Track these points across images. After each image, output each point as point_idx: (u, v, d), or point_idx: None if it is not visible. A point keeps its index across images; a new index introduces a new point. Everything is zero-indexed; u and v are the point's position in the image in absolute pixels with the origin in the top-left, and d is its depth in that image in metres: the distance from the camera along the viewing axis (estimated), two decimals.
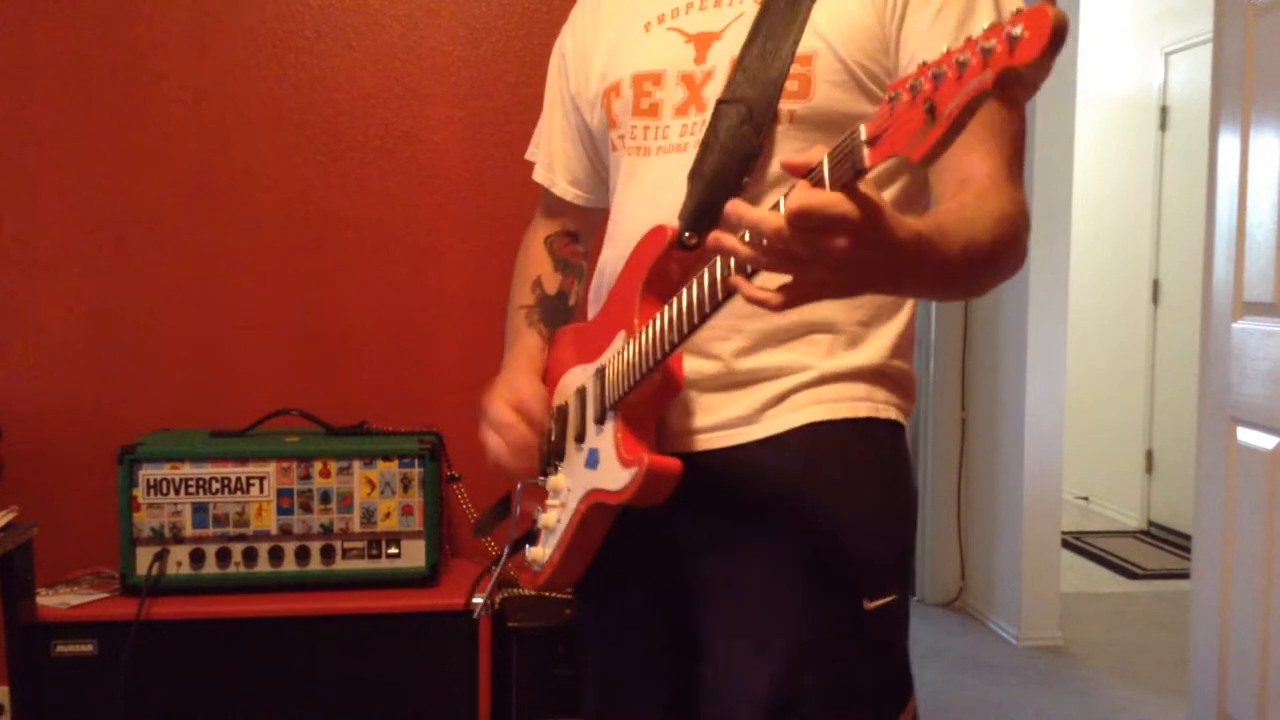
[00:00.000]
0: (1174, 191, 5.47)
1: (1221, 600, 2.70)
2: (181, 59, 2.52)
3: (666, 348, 1.14)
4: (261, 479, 2.20)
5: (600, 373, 1.27)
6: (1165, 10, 5.43)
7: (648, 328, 1.18)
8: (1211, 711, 2.74)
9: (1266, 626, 2.51)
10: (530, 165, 1.57)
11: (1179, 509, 5.32)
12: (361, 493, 2.22)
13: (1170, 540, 5.39)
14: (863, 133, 0.87)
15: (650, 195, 1.29)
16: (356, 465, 2.22)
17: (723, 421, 1.26)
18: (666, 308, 1.14)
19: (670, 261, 1.23)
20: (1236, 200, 2.69)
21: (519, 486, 1.42)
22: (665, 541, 1.30)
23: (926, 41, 1.18)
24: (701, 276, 1.07)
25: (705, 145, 1.23)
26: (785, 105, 1.21)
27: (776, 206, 0.92)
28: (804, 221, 0.88)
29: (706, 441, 1.26)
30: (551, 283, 1.52)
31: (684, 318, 1.10)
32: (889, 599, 1.23)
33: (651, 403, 1.24)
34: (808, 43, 1.21)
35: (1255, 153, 2.61)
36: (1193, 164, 4.67)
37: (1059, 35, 0.73)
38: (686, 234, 1.21)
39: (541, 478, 1.37)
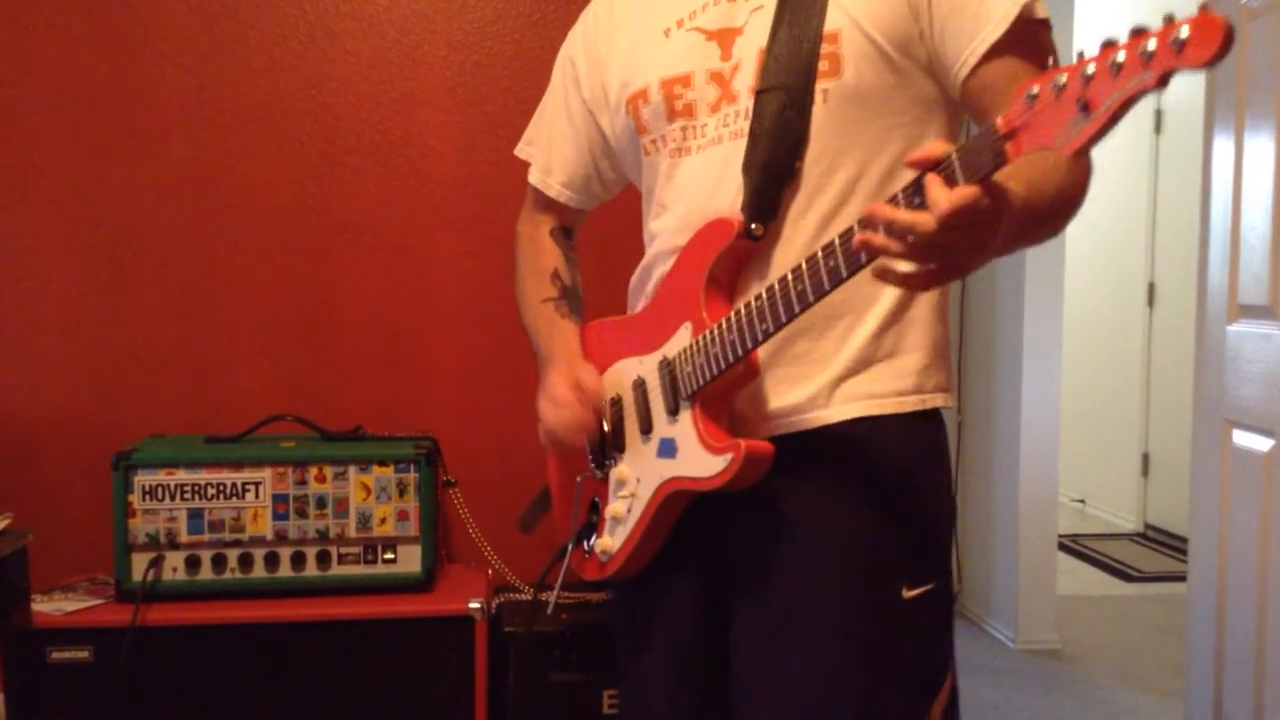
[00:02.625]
0: (1169, 195, 5.48)
1: (1218, 603, 2.70)
2: (176, 64, 2.52)
3: (759, 336, 1.18)
4: (257, 484, 2.20)
5: (666, 364, 1.30)
6: (1159, 13, 5.43)
7: (731, 317, 1.21)
8: (1208, 714, 2.74)
9: (1262, 629, 2.51)
10: (521, 163, 1.59)
11: (1175, 512, 5.33)
12: (357, 498, 2.22)
13: (1166, 543, 5.40)
14: (999, 127, 0.92)
15: (697, 190, 1.32)
16: (352, 470, 2.22)
17: (773, 411, 1.29)
18: (754, 298, 1.18)
19: (733, 252, 1.26)
20: (1231, 203, 2.69)
21: (578, 481, 1.44)
22: (709, 525, 1.33)
23: (958, 2, 1.21)
24: (800, 268, 1.12)
25: (752, 136, 1.26)
26: (820, 85, 1.24)
27: (895, 200, 0.99)
28: (958, 220, 0.94)
29: (756, 430, 1.28)
30: (568, 275, 1.55)
31: (780, 306, 1.15)
32: (928, 587, 1.28)
33: (729, 391, 1.27)
34: (833, 20, 1.24)
35: (1249, 156, 2.62)
36: (1187, 167, 4.68)
37: (1229, 41, 0.79)
38: (753, 225, 1.25)
39: (599, 470, 1.41)
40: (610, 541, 1.39)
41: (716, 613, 1.35)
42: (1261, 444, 2.54)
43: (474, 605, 2.17)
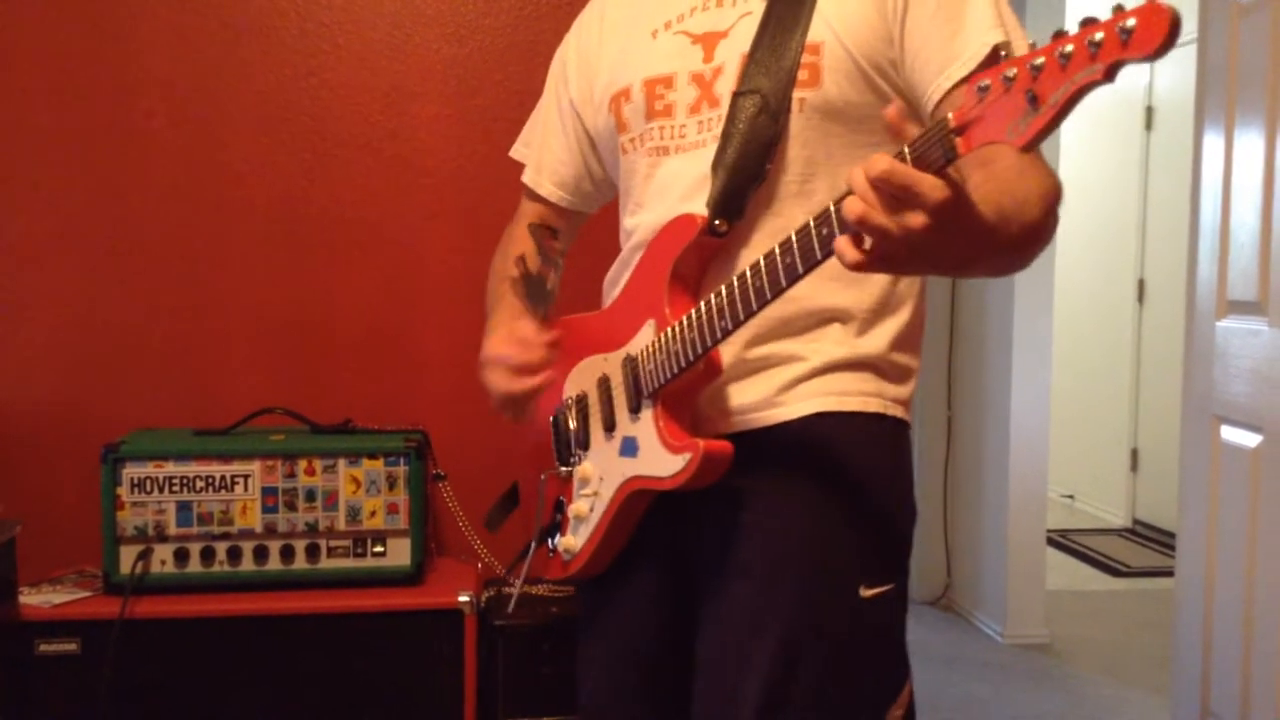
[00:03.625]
0: (1159, 191, 5.49)
1: (1205, 598, 2.71)
2: (167, 56, 2.51)
3: (719, 334, 1.17)
4: (246, 477, 2.19)
5: (630, 361, 1.30)
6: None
7: (692, 314, 1.20)
8: (1195, 708, 2.75)
9: (1249, 624, 2.52)
10: (515, 163, 1.60)
11: (1164, 507, 5.35)
12: (346, 491, 2.22)
13: (1155, 538, 5.42)
14: (950, 121, 0.91)
15: (672, 192, 1.32)
16: (341, 463, 2.22)
17: (734, 408, 1.29)
18: (714, 295, 1.17)
19: (698, 249, 1.26)
20: (1220, 200, 2.70)
21: (542, 478, 1.43)
22: (672, 524, 1.34)
23: (930, 32, 1.22)
24: (758, 264, 1.11)
25: (725, 136, 1.26)
26: (797, 94, 1.25)
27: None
28: (883, 184, 0.92)
29: (717, 427, 1.28)
30: (533, 262, 1.53)
31: (738, 303, 1.14)
32: (886, 588, 1.27)
33: (691, 390, 1.26)
34: (816, 33, 1.24)
35: (1239, 152, 2.62)
36: (1178, 164, 4.69)
37: (1175, 29, 0.77)
38: (716, 221, 1.25)
39: (564, 468, 1.40)
40: (573, 540, 1.38)
41: (680, 613, 1.35)
42: (1249, 440, 2.55)
43: (463, 598, 2.17)
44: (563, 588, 2.30)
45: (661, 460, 1.24)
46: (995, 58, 1.16)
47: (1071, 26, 0.84)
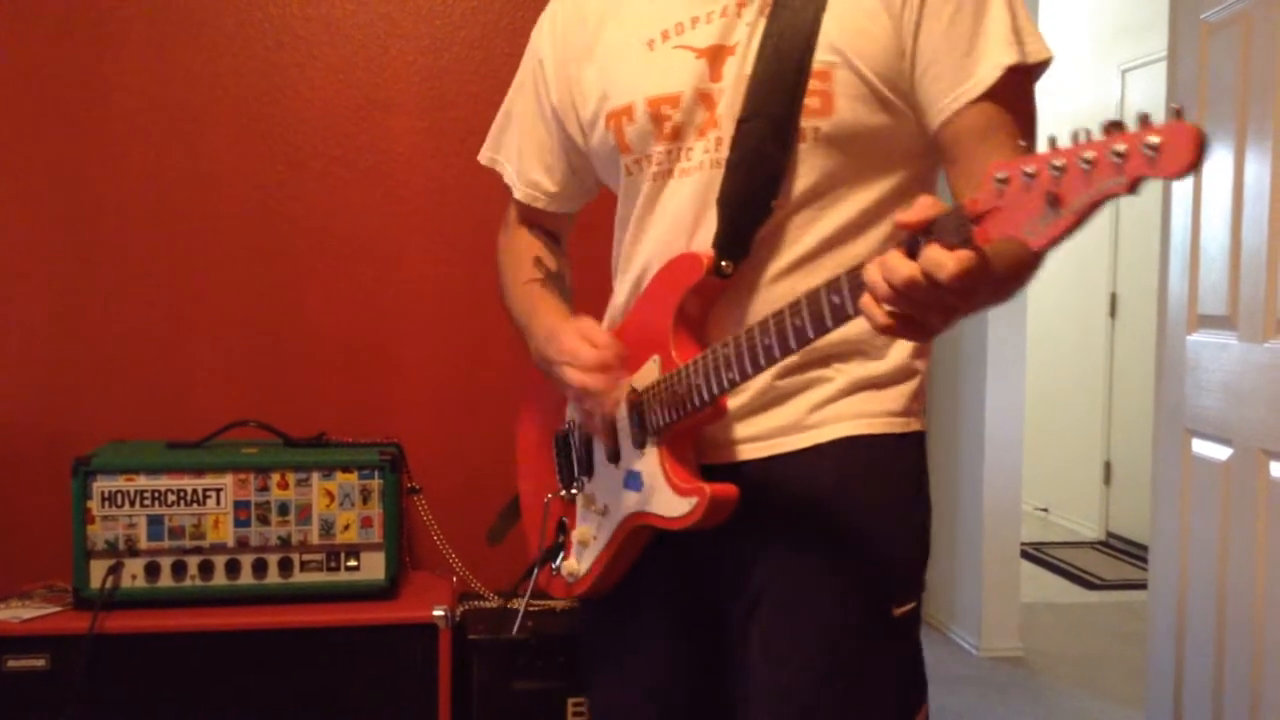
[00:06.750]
0: (1131, 206, 5.52)
1: (1178, 610, 2.73)
2: (141, 67, 2.50)
3: (725, 384, 1.16)
4: (218, 491, 2.17)
5: (634, 395, 1.27)
6: (1122, 29, 5.51)
7: (699, 361, 1.18)
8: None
9: (1221, 636, 2.54)
10: (491, 175, 1.54)
11: (1137, 520, 5.38)
12: (320, 505, 2.20)
13: (1128, 551, 5.45)
14: (967, 208, 0.90)
15: (674, 220, 1.28)
16: (315, 477, 2.20)
17: (760, 433, 1.26)
18: (721, 345, 1.15)
19: (703, 289, 1.23)
20: (1191, 215, 2.73)
21: (546, 500, 1.43)
22: (691, 550, 1.31)
23: (943, 46, 1.17)
24: (766, 322, 1.09)
25: (730, 167, 1.22)
26: (808, 122, 1.19)
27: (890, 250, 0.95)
28: (961, 283, 0.91)
29: (744, 452, 1.26)
30: (552, 261, 1.49)
31: (746, 359, 1.12)
32: (912, 605, 1.26)
33: (696, 429, 1.25)
34: (823, 56, 1.18)
35: (1209, 168, 2.65)
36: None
37: (1203, 152, 0.75)
38: (723, 262, 1.21)
39: (566, 492, 1.40)
40: (576, 565, 1.38)
41: (699, 646, 1.34)
42: (1220, 453, 2.57)
43: (438, 613, 2.16)
44: (539, 603, 2.29)
45: (667, 501, 1.23)
46: (1009, 80, 1.15)
47: (1093, 127, 0.82)
